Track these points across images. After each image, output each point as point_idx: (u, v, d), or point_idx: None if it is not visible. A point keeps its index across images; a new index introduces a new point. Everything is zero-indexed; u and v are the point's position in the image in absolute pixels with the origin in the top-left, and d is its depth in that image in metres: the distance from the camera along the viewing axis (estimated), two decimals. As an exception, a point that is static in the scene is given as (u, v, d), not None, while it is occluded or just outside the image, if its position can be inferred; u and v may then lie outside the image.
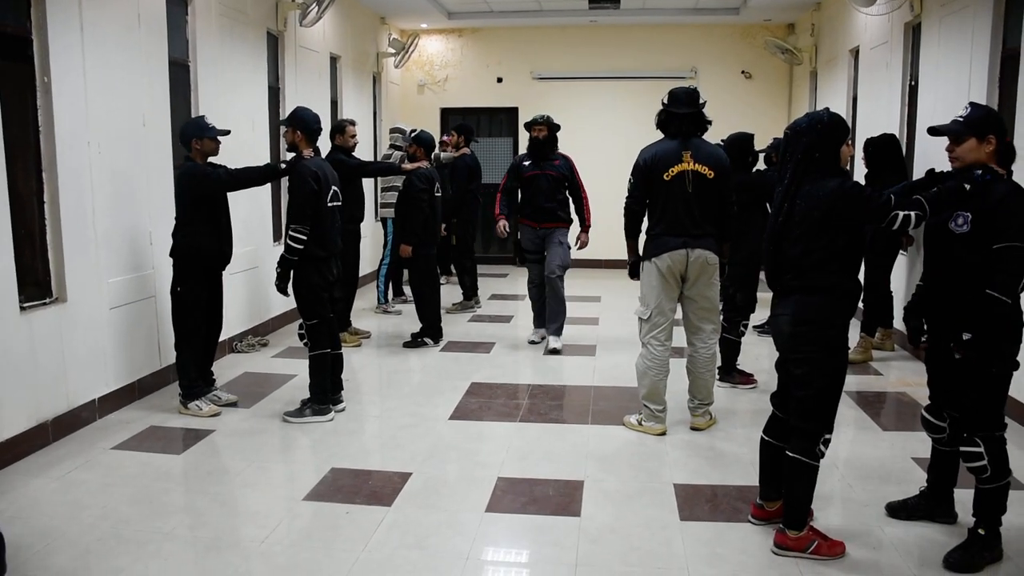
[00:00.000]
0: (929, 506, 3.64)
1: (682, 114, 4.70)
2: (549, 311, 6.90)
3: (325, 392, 5.05)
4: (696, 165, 4.66)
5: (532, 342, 7.13)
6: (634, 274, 4.96)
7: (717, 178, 4.69)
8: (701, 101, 4.77)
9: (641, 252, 4.85)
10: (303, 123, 4.99)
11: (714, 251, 4.73)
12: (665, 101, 4.80)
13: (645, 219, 4.88)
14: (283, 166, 5.17)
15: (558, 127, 6.90)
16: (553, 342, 6.82)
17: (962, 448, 3.28)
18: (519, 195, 6.98)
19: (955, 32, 6.03)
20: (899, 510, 3.69)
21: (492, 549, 3.49)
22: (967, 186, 3.21)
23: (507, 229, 6.98)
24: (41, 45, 4.53)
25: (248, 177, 5.24)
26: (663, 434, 4.80)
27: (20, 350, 4.37)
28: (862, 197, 3.21)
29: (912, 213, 3.20)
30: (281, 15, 7.61)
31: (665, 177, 4.66)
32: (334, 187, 5.01)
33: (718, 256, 4.77)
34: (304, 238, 4.81)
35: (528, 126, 6.96)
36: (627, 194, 4.86)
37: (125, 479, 4.15)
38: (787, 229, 3.28)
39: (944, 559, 3.25)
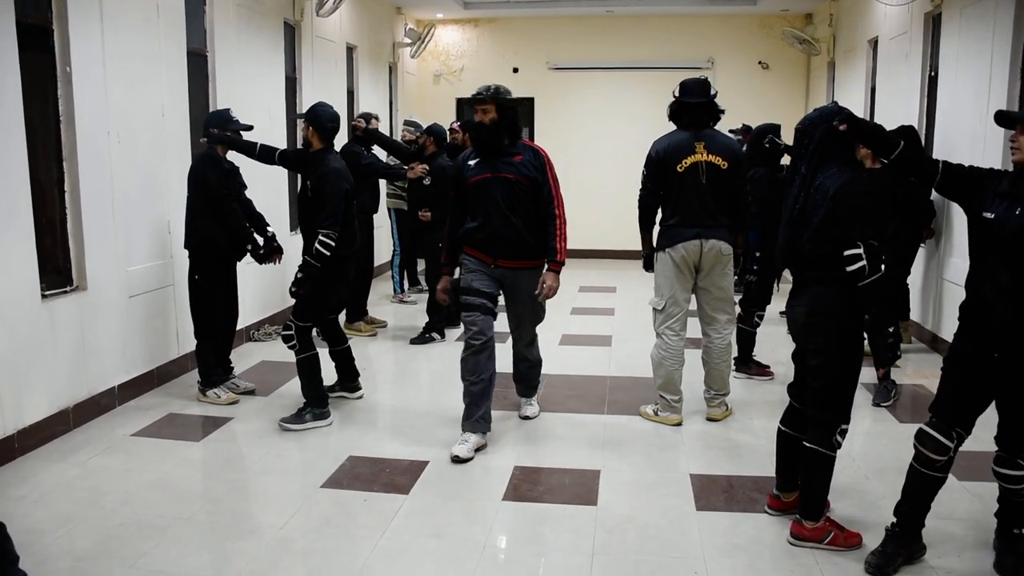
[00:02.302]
0: (905, 547, 3.22)
1: (695, 104, 4.67)
2: (521, 374, 4.95)
3: (322, 394, 4.88)
4: (710, 156, 4.63)
5: (456, 458, 4.25)
6: (648, 266, 4.96)
7: (731, 168, 4.67)
8: (713, 91, 4.74)
9: (655, 243, 4.85)
10: (317, 121, 4.83)
11: (728, 241, 4.72)
12: (676, 92, 4.77)
13: (658, 211, 4.88)
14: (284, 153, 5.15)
15: (512, 105, 4.48)
16: (527, 407, 4.97)
17: (1004, 470, 3.12)
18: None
19: (976, 23, 5.98)
20: (880, 567, 3.18)
21: (509, 538, 3.51)
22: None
23: (445, 300, 4.75)
24: (62, 35, 4.57)
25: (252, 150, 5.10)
26: (679, 424, 4.80)
27: (41, 337, 4.42)
28: (856, 209, 3.11)
29: (864, 265, 3.06)
30: (298, 5, 7.62)
31: (678, 168, 4.64)
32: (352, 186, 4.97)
33: (732, 246, 4.77)
34: (334, 243, 4.61)
35: (470, 104, 4.71)
36: (640, 186, 4.84)
37: (145, 465, 4.19)
38: (803, 221, 3.26)
39: (1001, 571, 3.15)
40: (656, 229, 4.88)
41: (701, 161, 4.63)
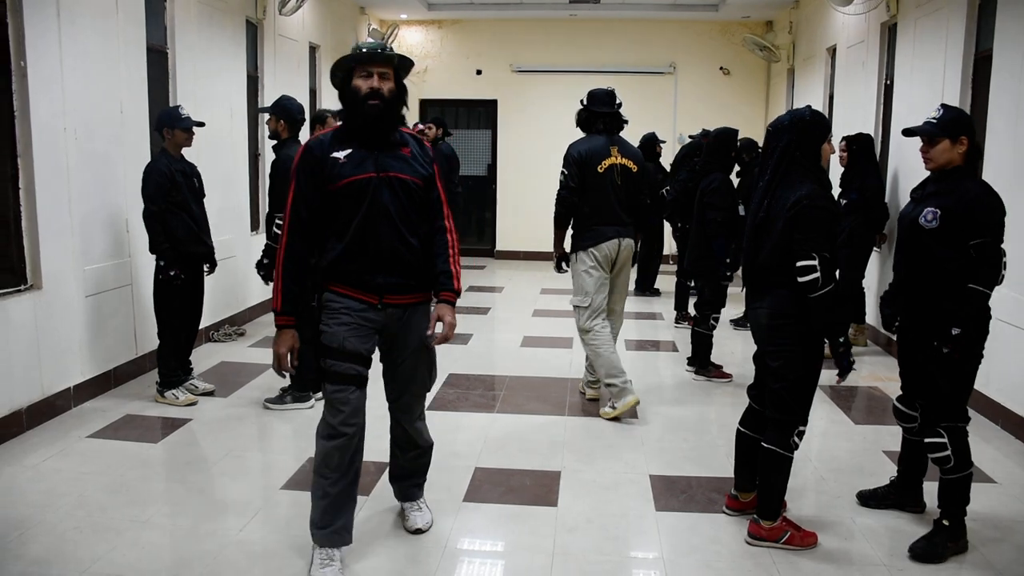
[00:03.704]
0: (899, 495, 3.73)
1: (605, 112, 5.03)
2: (404, 467, 3.58)
3: (305, 380, 5.03)
4: (622, 159, 4.98)
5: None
6: (560, 268, 5.24)
7: (639, 172, 5.07)
8: (618, 102, 5.09)
9: (574, 243, 5.05)
10: (287, 113, 5.00)
11: (633, 239, 5.10)
12: (585, 101, 5.12)
13: None
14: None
15: (405, 72, 3.14)
16: (415, 513, 3.55)
17: (926, 439, 3.36)
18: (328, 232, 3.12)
19: (930, 33, 6.12)
20: (869, 498, 3.78)
21: (470, 538, 3.51)
22: None
23: (292, 365, 3.17)
24: (16, 29, 4.48)
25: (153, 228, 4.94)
26: (638, 403, 5.01)
27: (-6, 337, 4.33)
28: (813, 221, 3.15)
29: (818, 276, 3.11)
30: (260, 3, 7.56)
31: (599, 170, 4.93)
32: None
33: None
34: None
35: (346, 69, 3.09)
36: (561, 186, 5.01)
37: (101, 467, 4.12)
38: (766, 226, 3.30)
39: (909, 549, 3.33)
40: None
41: (616, 164, 4.97)
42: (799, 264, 3.15)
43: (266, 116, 5.22)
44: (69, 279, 4.92)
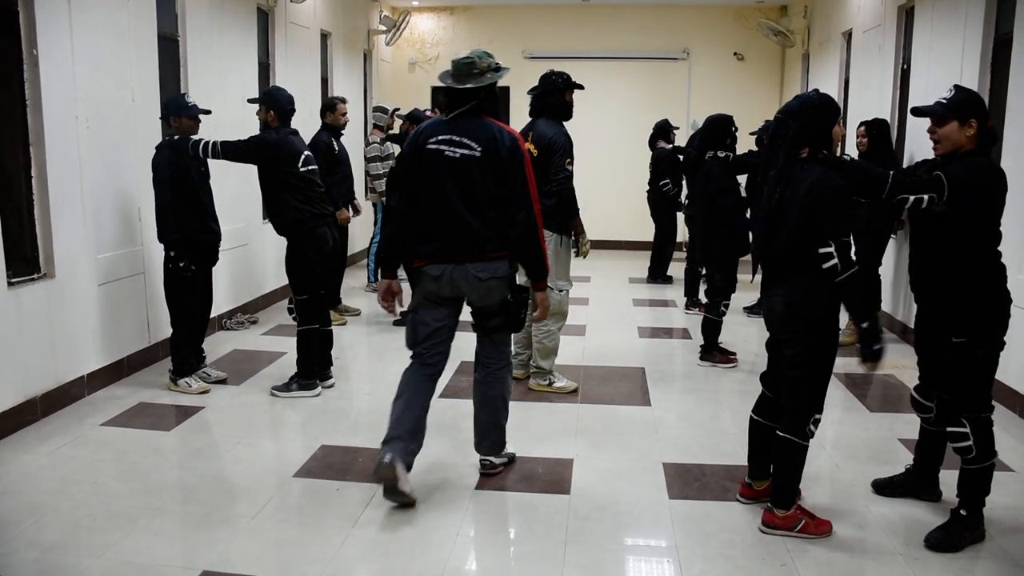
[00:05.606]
0: (914, 484, 3.70)
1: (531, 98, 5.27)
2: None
3: (312, 367, 5.07)
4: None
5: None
6: None
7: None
8: (547, 85, 5.34)
9: None
10: (276, 103, 4.96)
11: None
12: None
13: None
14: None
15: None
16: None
17: (948, 428, 3.31)
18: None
19: (948, 16, 6.03)
20: (884, 487, 3.75)
21: (482, 526, 3.51)
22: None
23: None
24: (28, 17, 4.47)
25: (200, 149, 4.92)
26: (516, 379, 5.17)
27: (8, 326, 4.34)
28: (828, 205, 3.13)
29: (836, 263, 3.09)
30: (271, -10, 7.54)
31: None
32: (307, 152, 5.00)
33: None
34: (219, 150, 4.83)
35: None
36: None
37: (115, 455, 4.14)
38: (780, 214, 3.27)
39: (925, 538, 3.29)
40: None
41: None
42: (819, 251, 3.12)
43: (256, 106, 5.16)
44: (82, 267, 4.94)
